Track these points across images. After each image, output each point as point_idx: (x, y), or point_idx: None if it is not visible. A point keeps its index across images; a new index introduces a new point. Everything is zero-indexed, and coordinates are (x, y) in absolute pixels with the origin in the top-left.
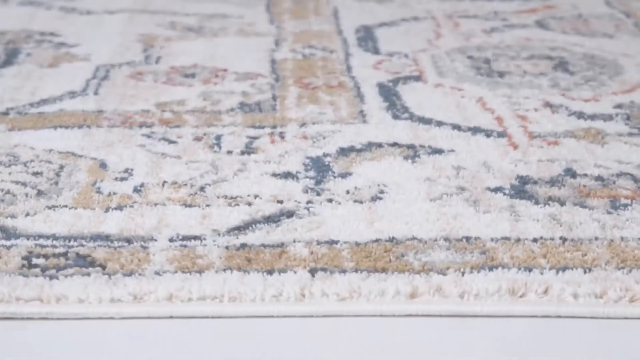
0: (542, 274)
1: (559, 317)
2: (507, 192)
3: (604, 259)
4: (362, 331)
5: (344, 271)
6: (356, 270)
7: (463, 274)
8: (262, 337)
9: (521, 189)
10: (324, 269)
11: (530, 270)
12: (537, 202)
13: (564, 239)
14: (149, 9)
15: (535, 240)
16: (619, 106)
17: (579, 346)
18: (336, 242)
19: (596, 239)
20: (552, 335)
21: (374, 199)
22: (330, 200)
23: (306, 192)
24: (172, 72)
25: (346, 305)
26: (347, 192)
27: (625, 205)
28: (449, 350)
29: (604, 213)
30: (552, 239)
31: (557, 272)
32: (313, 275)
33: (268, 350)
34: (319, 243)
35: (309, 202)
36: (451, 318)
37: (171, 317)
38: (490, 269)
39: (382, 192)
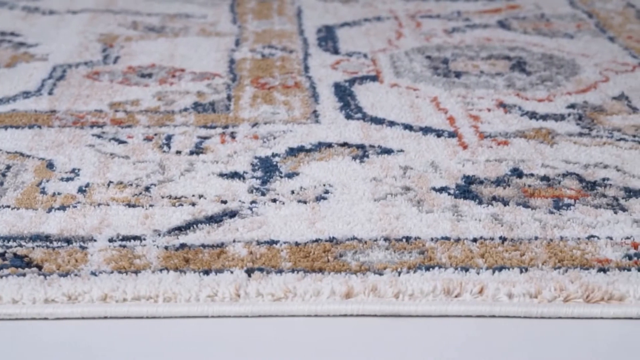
0: (478, 273)
1: (493, 316)
2: (452, 192)
3: (541, 259)
4: (297, 331)
5: (280, 271)
6: (292, 271)
7: (399, 273)
8: (197, 337)
9: (466, 189)
10: (260, 269)
11: (466, 270)
12: (480, 202)
13: (503, 239)
14: (113, 8)
15: (475, 240)
16: (572, 106)
17: (512, 346)
18: (276, 242)
19: (536, 238)
20: (486, 335)
21: (319, 199)
22: (274, 201)
23: (251, 192)
24: (129, 72)
25: (281, 306)
26: (292, 192)
27: (568, 205)
28: (383, 350)
29: (546, 213)
30: (491, 239)
31: (494, 272)
32: (249, 276)
33: (203, 350)
34: (258, 243)
35: (253, 202)
36: (386, 318)
37: (105, 317)
38: (427, 268)
39: (327, 192)
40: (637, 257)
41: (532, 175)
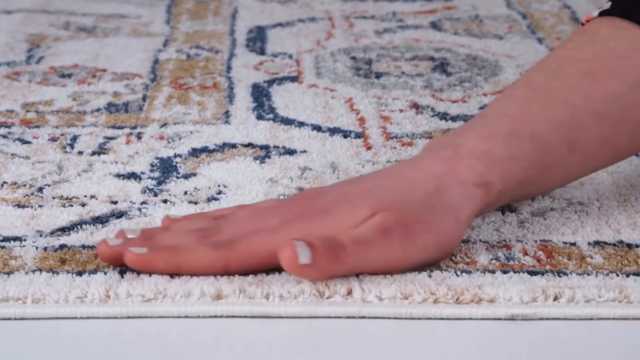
0: (346, 276)
1: (363, 317)
2: None
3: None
4: (165, 332)
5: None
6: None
7: (268, 274)
8: (66, 338)
9: None
10: (133, 270)
11: None
12: None
13: None
14: (49, 8)
15: None
16: (484, 107)
17: (383, 346)
18: None
19: None
20: (356, 335)
21: (210, 199)
22: (165, 201)
23: (144, 192)
24: (49, 72)
25: (150, 307)
26: (185, 192)
27: None
28: (253, 351)
29: None
30: None
31: (359, 275)
32: (122, 276)
33: (70, 351)
34: None
35: (143, 202)
36: (256, 319)
37: None
38: None
39: (220, 192)
40: (507, 260)
41: None
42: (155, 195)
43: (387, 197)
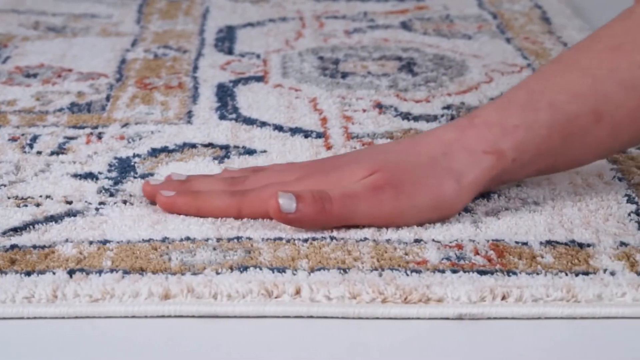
0: (295, 274)
1: (311, 317)
2: None
3: (366, 260)
4: (112, 334)
5: (100, 272)
6: (112, 271)
7: (218, 273)
8: (13, 338)
9: None
10: (82, 270)
11: (284, 271)
12: None
13: (332, 238)
14: (19, 8)
15: (305, 240)
16: (447, 107)
17: (330, 346)
18: (107, 242)
19: (365, 239)
20: (303, 335)
21: None
22: (122, 202)
23: (100, 192)
24: (15, 71)
25: (98, 307)
26: None
27: None
28: (201, 351)
29: None
30: (322, 239)
31: (311, 273)
32: (71, 276)
33: (19, 352)
34: (90, 243)
35: (99, 202)
36: (204, 319)
37: None
38: (245, 269)
39: None
40: (458, 259)
41: None
42: (111, 195)
43: (387, 159)
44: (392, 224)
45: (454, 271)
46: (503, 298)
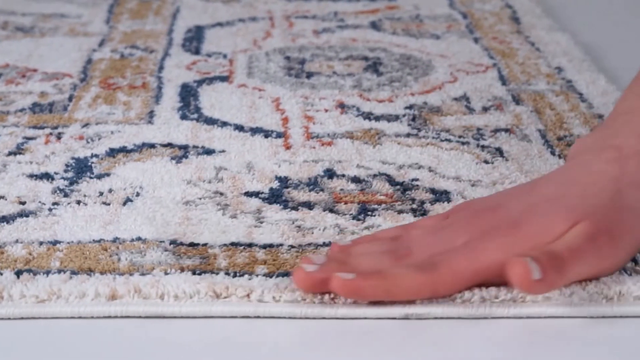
0: (250, 279)
1: (258, 317)
2: (260, 195)
3: None
4: (61, 334)
5: (48, 272)
6: (59, 272)
7: (167, 274)
8: None
9: (276, 192)
10: (29, 271)
11: (240, 275)
12: (286, 207)
13: (291, 247)
14: None
15: (264, 246)
16: (410, 107)
17: (277, 347)
18: (58, 243)
19: (330, 243)
20: (250, 335)
21: (123, 200)
22: (76, 202)
23: (54, 193)
24: None
25: (44, 308)
26: (100, 193)
27: (373, 211)
28: (147, 351)
29: (349, 219)
30: (280, 245)
31: (273, 278)
32: (18, 277)
33: None
34: (40, 244)
35: (53, 203)
36: (151, 319)
37: None
38: (199, 273)
39: (133, 193)
40: None
41: (343, 176)
42: (66, 195)
43: (580, 205)
44: (610, 272)
45: None
46: (453, 299)
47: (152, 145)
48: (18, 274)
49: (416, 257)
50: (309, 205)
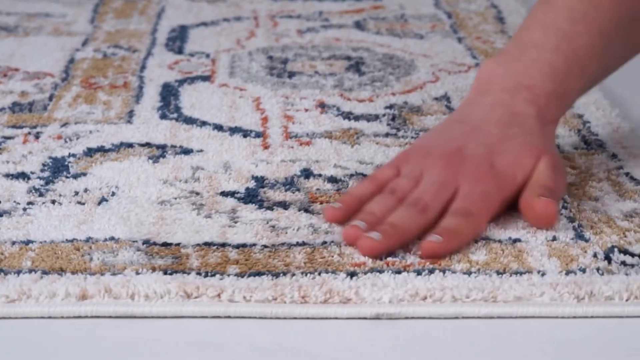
0: (222, 279)
1: (229, 317)
2: (236, 195)
3: (296, 265)
4: (30, 334)
5: (19, 272)
6: (30, 271)
7: (138, 274)
8: None
9: (252, 192)
10: (0, 270)
11: (212, 275)
12: (261, 207)
13: (264, 246)
14: None
15: (237, 246)
16: (390, 107)
17: (249, 346)
18: (31, 242)
19: (304, 243)
20: (221, 334)
21: (98, 199)
22: (51, 202)
23: (29, 192)
24: None
25: (14, 307)
26: (75, 193)
27: None
28: (116, 351)
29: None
30: (253, 245)
31: (245, 278)
32: None
33: None
34: (13, 243)
35: (28, 202)
36: (121, 319)
37: None
38: (171, 272)
39: (108, 193)
40: (392, 257)
41: (320, 175)
42: (41, 195)
43: (534, 143)
44: None
45: (381, 271)
46: (424, 298)
47: (130, 145)
48: None
49: (422, 200)
50: (284, 205)
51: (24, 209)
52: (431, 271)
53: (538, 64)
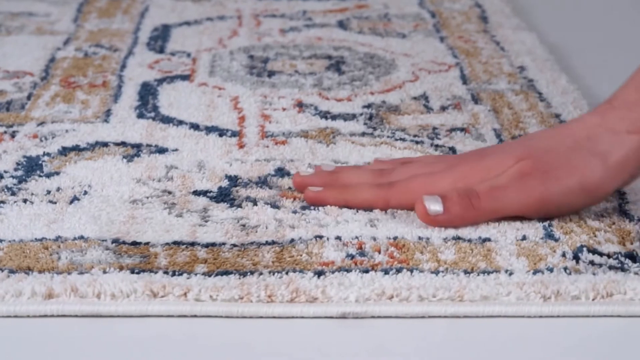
0: (189, 278)
1: (195, 316)
2: (208, 194)
3: (264, 264)
4: None
5: None
6: None
7: (105, 272)
8: None
9: (224, 191)
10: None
11: (180, 275)
12: (232, 205)
13: (234, 245)
14: None
15: (207, 245)
16: (368, 106)
17: (214, 346)
18: (0, 241)
19: (273, 242)
20: (187, 333)
21: (70, 199)
22: (23, 201)
23: (2, 191)
24: None
25: None
26: (47, 192)
27: (317, 206)
28: (83, 350)
29: (288, 213)
30: (223, 244)
31: (212, 277)
32: None
33: None
34: None
35: (0, 202)
36: (87, 318)
37: None
38: (138, 272)
39: (80, 192)
40: (360, 256)
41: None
42: (13, 194)
43: (532, 145)
44: (543, 212)
45: (349, 270)
46: (391, 297)
47: (105, 144)
48: None
49: (392, 177)
50: (254, 201)
51: None
52: (399, 270)
53: (635, 80)
